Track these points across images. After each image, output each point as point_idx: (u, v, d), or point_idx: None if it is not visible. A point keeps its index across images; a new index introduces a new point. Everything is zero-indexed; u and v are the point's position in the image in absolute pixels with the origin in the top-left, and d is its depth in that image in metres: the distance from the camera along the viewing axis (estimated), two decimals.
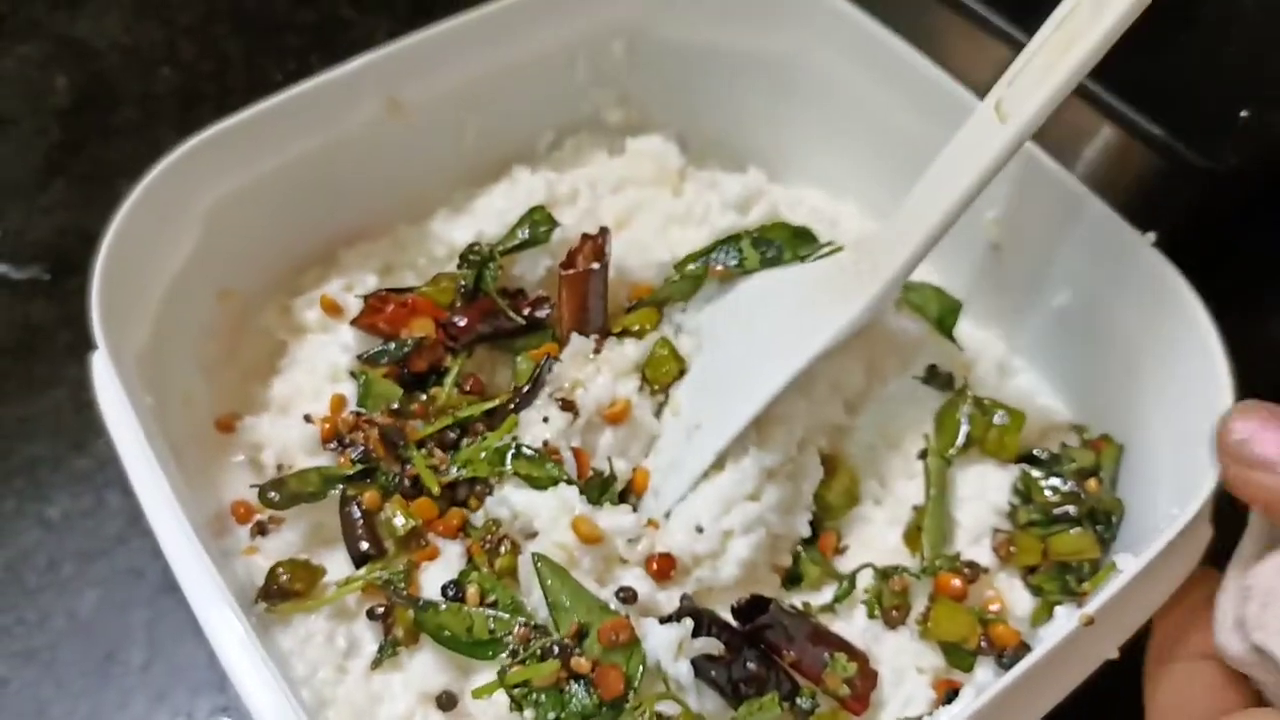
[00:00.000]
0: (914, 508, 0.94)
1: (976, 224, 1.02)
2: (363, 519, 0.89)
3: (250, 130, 0.97)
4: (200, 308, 1.00)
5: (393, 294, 1.00)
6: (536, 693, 0.77)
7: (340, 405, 0.96)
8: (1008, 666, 0.83)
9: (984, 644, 0.85)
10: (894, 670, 0.85)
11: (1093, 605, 0.74)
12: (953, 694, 0.83)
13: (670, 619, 0.82)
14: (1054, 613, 0.85)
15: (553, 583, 0.82)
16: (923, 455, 0.95)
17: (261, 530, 0.92)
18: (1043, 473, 0.94)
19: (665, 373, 0.97)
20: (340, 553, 0.91)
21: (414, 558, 0.88)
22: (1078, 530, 0.90)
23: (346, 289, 1.04)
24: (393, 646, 0.85)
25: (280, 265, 1.06)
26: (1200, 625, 0.76)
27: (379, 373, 0.97)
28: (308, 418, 0.96)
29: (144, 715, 1.01)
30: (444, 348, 0.99)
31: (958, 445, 0.94)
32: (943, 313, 1.00)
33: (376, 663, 0.85)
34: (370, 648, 0.86)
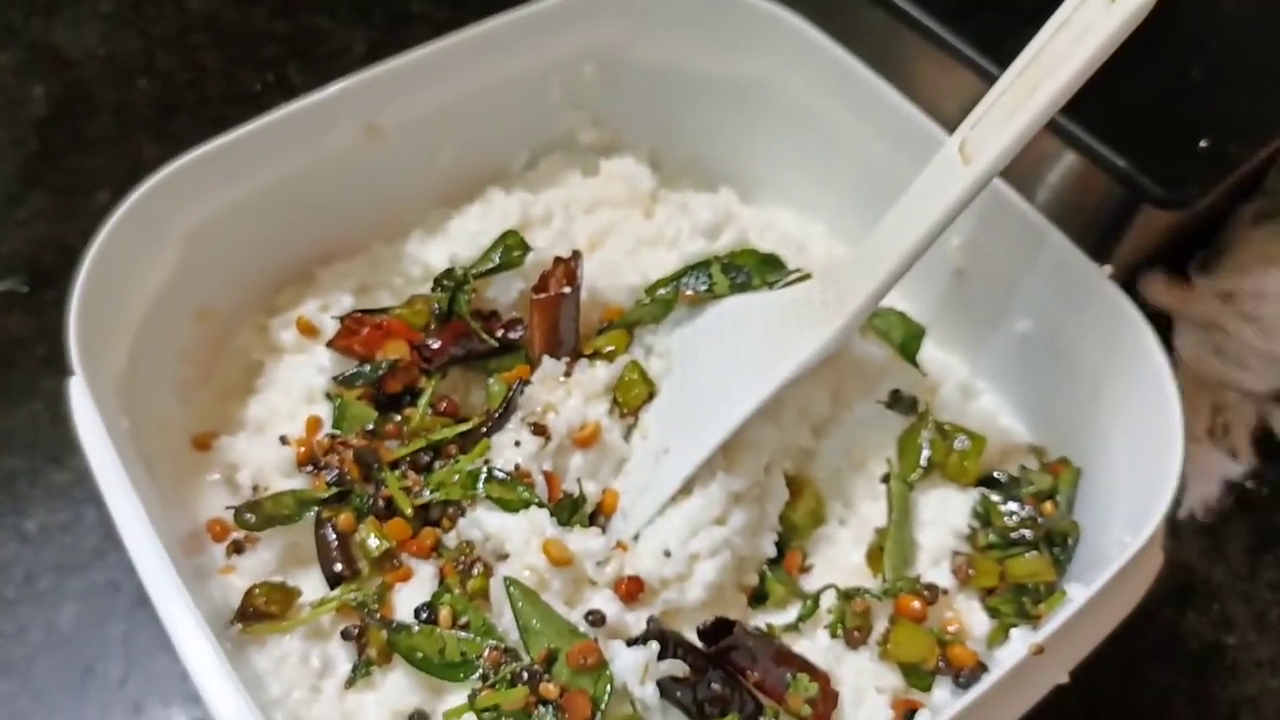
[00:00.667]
0: (877, 529, 0.96)
1: (941, 250, 1.03)
2: (337, 541, 0.91)
3: (229, 154, 0.98)
4: (178, 329, 1.01)
5: (368, 315, 1.02)
6: (505, 717, 0.80)
7: (316, 427, 0.97)
8: (965, 687, 0.86)
9: (942, 664, 0.87)
10: (854, 690, 0.87)
11: (1043, 634, 0.77)
12: (911, 714, 0.85)
13: (637, 641, 0.84)
14: (1010, 634, 0.87)
15: (524, 606, 0.84)
16: (885, 479, 0.97)
17: (238, 549, 0.94)
18: (1001, 496, 0.96)
19: (635, 396, 0.99)
20: (314, 573, 0.92)
21: (387, 579, 0.90)
22: (1034, 554, 0.92)
23: (323, 309, 1.05)
24: (366, 667, 0.87)
25: (257, 285, 1.07)
26: None
27: (354, 394, 0.99)
28: (284, 439, 0.97)
29: None
30: (418, 369, 1.01)
31: (919, 469, 0.96)
32: (906, 338, 1.03)
33: (350, 682, 0.87)
34: (344, 668, 0.88)
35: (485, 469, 0.92)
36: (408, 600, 0.89)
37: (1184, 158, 1.06)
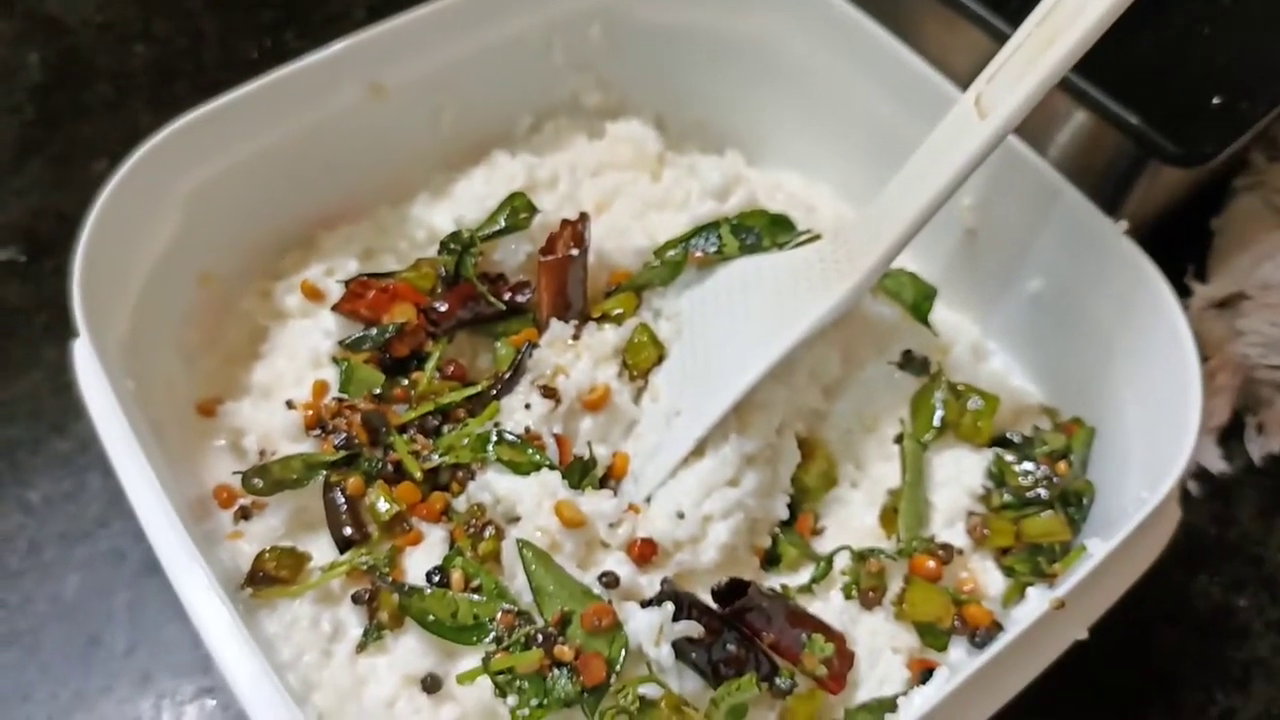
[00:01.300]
0: (889, 490, 0.96)
1: (952, 210, 1.03)
2: (346, 504, 0.90)
3: (230, 115, 0.97)
4: (181, 293, 1.00)
5: (374, 279, 1.00)
6: (520, 679, 0.79)
7: (322, 391, 0.96)
8: (981, 646, 0.85)
9: (958, 624, 0.87)
10: (870, 650, 0.87)
11: (1063, 589, 0.76)
12: (927, 673, 0.85)
13: (651, 603, 0.83)
14: (1026, 593, 0.87)
15: (537, 568, 0.83)
16: (898, 439, 0.97)
17: (245, 515, 0.93)
18: (1015, 456, 0.96)
19: (645, 358, 0.98)
20: (323, 537, 0.91)
21: (398, 542, 0.89)
22: (1049, 513, 0.92)
23: (327, 274, 1.04)
24: (377, 630, 0.86)
25: (260, 249, 1.06)
26: None
27: (360, 358, 0.97)
28: (290, 403, 0.96)
29: (128, 698, 1.02)
30: (425, 333, 1.00)
31: (933, 429, 0.96)
32: (918, 299, 1.02)
33: (361, 646, 0.86)
34: (355, 632, 0.87)
35: (495, 432, 0.91)
36: (418, 564, 0.88)
37: (1196, 115, 1.05)
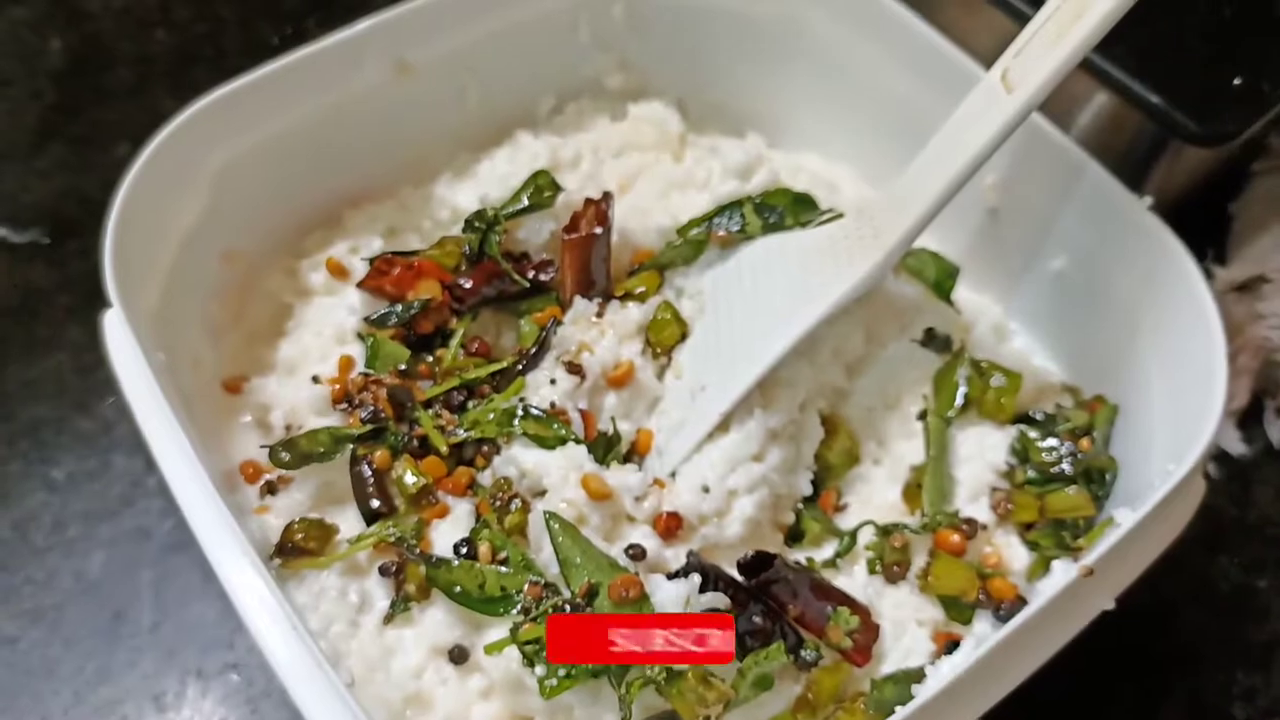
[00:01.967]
0: (912, 467, 0.96)
1: (975, 188, 1.03)
2: (373, 477, 0.91)
3: (258, 92, 0.97)
4: (208, 270, 1.01)
5: (398, 257, 1.01)
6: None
7: (348, 366, 0.97)
8: (1005, 619, 0.85)
9: (982, 597, 0.87)
10: (894, 623, 0.87)
11: (1092, 557, 0.76)
12: (953, 645, 0.85)
13: (678, 575, 0.83)
14: (1050, 567, 0.87)
15: (564, 540, 0.84)
16: (922, 416, 0.97)
17: (271, 490, 0.94)
18: (1039, 433, 0.96)
19: (668, 335, 0.98)
20: (349, 511, 0.92)
21: (424, 515, 0.90)
22: (1074, 488, 0.92)
23: (352, 251, 1.04)
24: (404, 602, 0.87)
25: (286, 227, 1.07)
26: None
27: (386, 334, 0.98)
28: (316, 379, 0.97)
29: (153, 674, 1.02)
30: (449, 310, 1.00)
31: (956, 406, 0.96)
32: (940, 277, 1.02)
33: (389, 618, 0.87)
34: (382, 603, 0.88)
35: (521, 407, 0.92)
36: (445, 536, 0.88)
37: (1218, 95, 1.05)
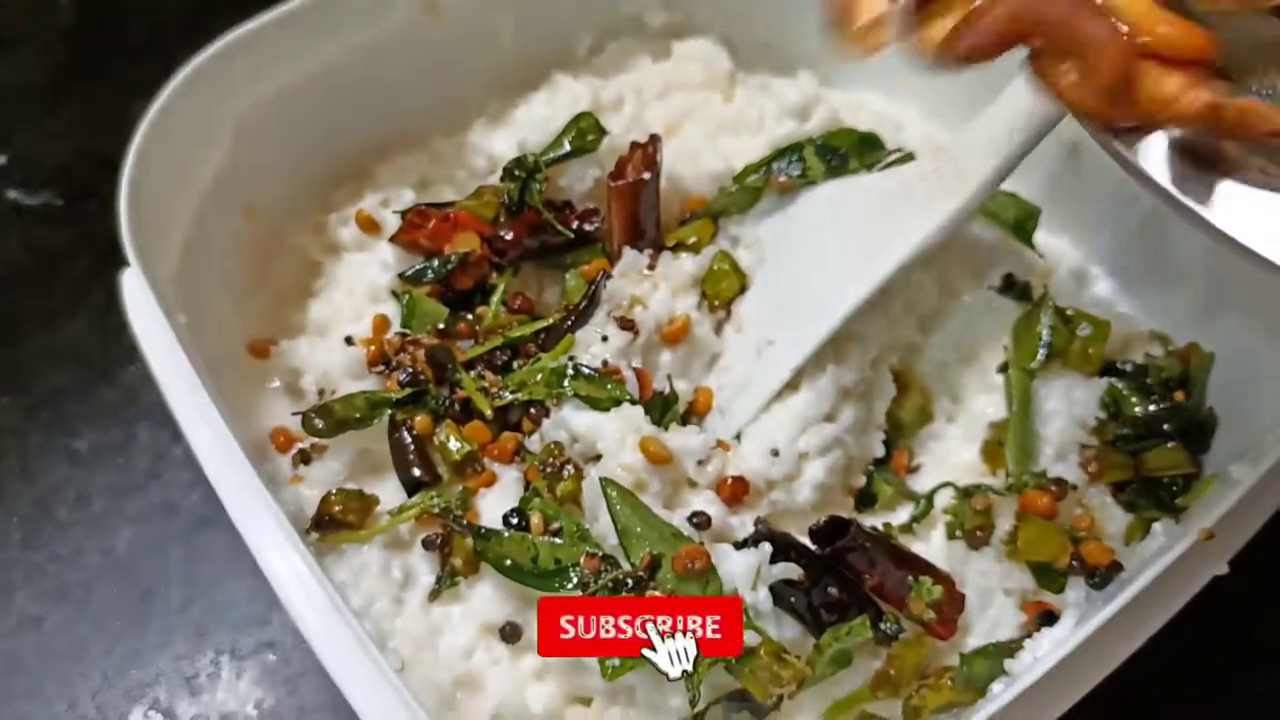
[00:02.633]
0: (990, 424, 0.89)
1: None
2: (414, 444, 0.85)
3: (279, 34, 0.92)
4: (230, 226, 0.95)
5: (433, 209, 0.94)
6: None
7: (384, 326, 0.91)
8: (1100, 586, 0.79)
9: (1075, 563, 0.81)
10: (980, 592, 0.81)
11: (1208, 519, 0.70)
12: (1044, 616, 0.79)
13: (745, 544, 0.77)
14: (1151, 529, 0.80)
15: (622, 508, 0.77)
16: (1002, 369, 0.90)
17: (304, 459, 0.88)
18: (1129, 385, 0.89)
19: (726, 288, 0.92)
20: (387, 481, 0.86)
21: (469, 484, 0.84)
22: (1171, 444, 0.85)
23: (383, 205, 0.98)
24: (451, 577, 0.81)
25: (312, 181, 1.01)
26: None
27: (422, 291, 0.92)
28: (349, 340, 0.91)
29: (185, 654, 0.97)
30: (489, 264, 0.94)
31: (1039, 358, 0.88)
32: (1021, 218, 0.95)
33: (435, 594, 0.81)
34: (427, 579, 0.82)
35: (571, 366, 0.85)
36: (492, 507, 0.82)
37: None
